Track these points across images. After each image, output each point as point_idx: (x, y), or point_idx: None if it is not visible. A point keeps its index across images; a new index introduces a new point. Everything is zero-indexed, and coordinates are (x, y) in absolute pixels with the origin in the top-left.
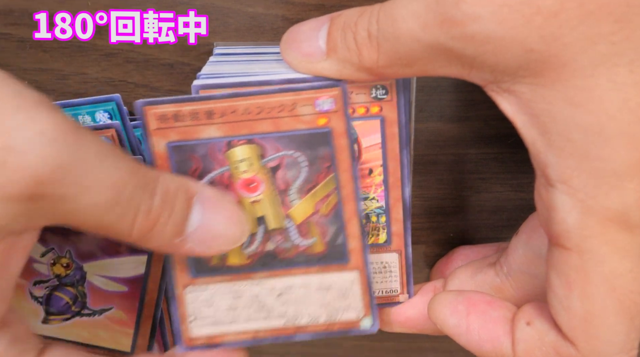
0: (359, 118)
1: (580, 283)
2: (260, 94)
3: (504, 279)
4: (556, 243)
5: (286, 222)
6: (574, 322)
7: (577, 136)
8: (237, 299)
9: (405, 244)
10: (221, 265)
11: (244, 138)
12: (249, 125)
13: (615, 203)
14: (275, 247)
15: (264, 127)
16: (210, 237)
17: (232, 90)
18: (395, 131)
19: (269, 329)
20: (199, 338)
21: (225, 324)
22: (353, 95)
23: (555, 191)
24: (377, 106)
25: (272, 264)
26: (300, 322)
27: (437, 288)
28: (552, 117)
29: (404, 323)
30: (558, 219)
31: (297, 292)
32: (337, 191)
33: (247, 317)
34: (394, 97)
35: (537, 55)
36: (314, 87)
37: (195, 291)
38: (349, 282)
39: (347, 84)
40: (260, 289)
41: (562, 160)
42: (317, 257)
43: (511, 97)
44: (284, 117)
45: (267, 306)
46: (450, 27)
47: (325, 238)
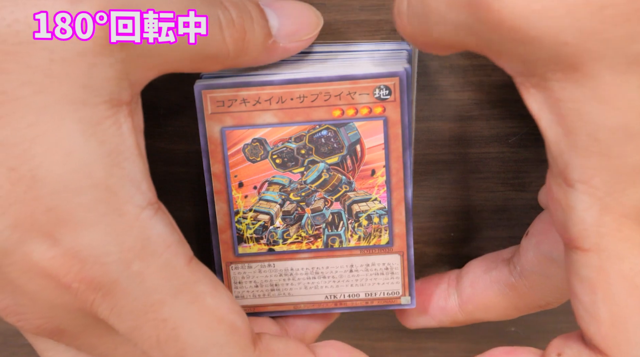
0: (361, 119)
1: (602, 284)
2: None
3: (518, 278)
4: (574, 246)
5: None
6: (603, 330)
7: (603, 135)
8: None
9: (407, 246)
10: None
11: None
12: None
13: (632, 200)
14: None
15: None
16: (296, 29)
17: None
18: (398, 132)
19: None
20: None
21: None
22: (356, 95)
23: (574, 192)
24: (381, 107)
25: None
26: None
27: (451, 280)
28: (580, 116)
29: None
30: (576, 219)
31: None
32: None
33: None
34: (397, 98)
35: (571, 49)
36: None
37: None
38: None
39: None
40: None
41: (585, 160)
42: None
43: (539, 94)
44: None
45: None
46: (478, 10)
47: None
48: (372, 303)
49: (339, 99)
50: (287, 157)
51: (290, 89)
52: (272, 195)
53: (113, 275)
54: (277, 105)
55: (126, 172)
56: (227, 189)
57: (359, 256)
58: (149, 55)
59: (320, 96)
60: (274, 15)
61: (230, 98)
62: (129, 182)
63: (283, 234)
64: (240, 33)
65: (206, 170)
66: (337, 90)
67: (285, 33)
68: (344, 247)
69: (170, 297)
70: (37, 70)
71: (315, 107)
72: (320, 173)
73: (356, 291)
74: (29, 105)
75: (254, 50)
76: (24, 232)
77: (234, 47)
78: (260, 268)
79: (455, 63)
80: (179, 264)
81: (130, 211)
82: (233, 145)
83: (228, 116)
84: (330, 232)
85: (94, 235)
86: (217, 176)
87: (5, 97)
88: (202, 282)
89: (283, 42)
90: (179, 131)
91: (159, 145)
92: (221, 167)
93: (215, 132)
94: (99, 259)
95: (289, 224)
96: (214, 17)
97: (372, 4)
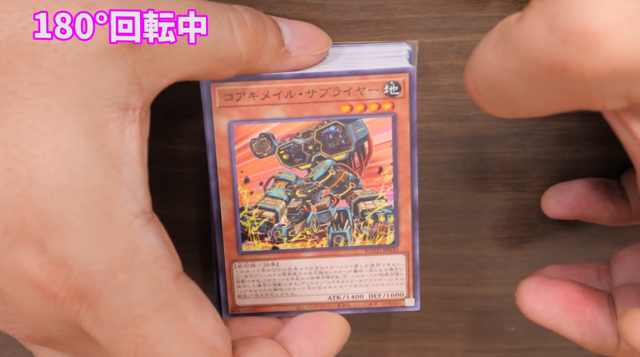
0: (370, 115)
1: None
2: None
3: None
4: None
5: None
6: None
7: None
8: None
9: (412, 246)
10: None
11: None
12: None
13: None
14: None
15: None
16: (307, 43)
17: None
18: (407, 129)
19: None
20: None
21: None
22: (365, 91)
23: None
24: (390, 103)
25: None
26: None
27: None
28: None
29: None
30: None
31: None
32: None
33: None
34: (406, 94)
35: None
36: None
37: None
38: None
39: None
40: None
41: None
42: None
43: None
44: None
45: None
46: (567, 71)
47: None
48: (375, 305)
49: (348, 95)
50: (295, 153)
51: (299, 83)
52: (278, 191)
53: (98, 285)
54: (285, 99)
55: (123, 176)
56: (233, 184)
57: (364, 256)
58: (161, 59)
59: (330, 91)
60: (286, 27)
61: (239, 91)
62: (125, 186)
63: (288, 232)
64: (253, 36)
65: (211, 166)
66: (346, 86)
67: (297, 46)
68: (349, 246)
69: (153, 313)
70: (48, 71)
71: (324, 103)
72: (327, 170)
73: (360, 291)
74: (34, 106)
75: (267, 56)
76: (14, 237)
77: (247, 49)
78: (264, 267)
79: (455, 63)
80: (165, 278)
81: (122, 216)
82: (240, 140)
83: (236, 110)
84: (336, 230)
85: (83, 241)
86: (223, 171)
87: (12, 97)
88: (187, 300)
89: (295, 52)
90: (179, 131)
91: (158, 146)
92: (227, 162)
93: (222, 126)
94: (86, 267)
95: (294, 222)
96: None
97: (372, 4)
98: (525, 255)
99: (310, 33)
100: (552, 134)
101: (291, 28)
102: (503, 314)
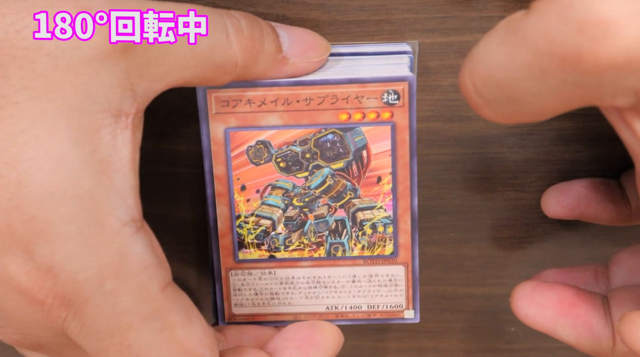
0: (369, 123)
1: None
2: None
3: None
4: None
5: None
6: None
7: None
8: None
9: (412, 257)
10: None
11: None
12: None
13: None
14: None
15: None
16: (305, 49)
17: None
18: (406, 138)
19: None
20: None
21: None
22: (364, 99)
23: None
24: (389, 112)
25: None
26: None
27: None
28: None
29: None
30: None
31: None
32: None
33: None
34: (406, 103)
35: None
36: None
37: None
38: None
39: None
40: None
41: None
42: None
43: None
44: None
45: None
46: (580, 62)
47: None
48: (374, 316)
49: (346, 103)
50: (292, 160)
51: (296, 91)
52: (275, 199)
53: (85, 293)
54: (282, 106)
55: (113, 183)
56: (229, 192)
57: (362, 266)
58: (155, 64)
59: (327, 99)
60: (284, 34)
61: (235, 98)
62: (115, 193)
63: (285, 240)
64: (250, 41)
65: (207, 172)
66: (344, 94)
67: (295, 52)
68: (347, 256)
69: (139, 322)
70: (40, 75)
71: (322, 110)
72: (325, 178)
73: (358, 302)
74: (26, 110)
75: (264, 62)
76: (1, 243)
77: (243, 55)
78: (261, 275)
79: (455, 63)
80: (153, 288)
81: (111, 223)
82: (237, 147)
83: (232, 117)
84: (334, 240)
85: (71, 248)
86: (220, 178)
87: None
88: (174, 310)
89: (293, 59)
90: (179, 132)
91: (158, 146)
92: (224, 169)
93: (218, 133)
94: (73, 275)
95: (291, 231)
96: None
97: (372, 4)
98: (525, 255)
99: (309, 39)
100: (552, 134)
101: (289, 34)
102: (503, 314)
